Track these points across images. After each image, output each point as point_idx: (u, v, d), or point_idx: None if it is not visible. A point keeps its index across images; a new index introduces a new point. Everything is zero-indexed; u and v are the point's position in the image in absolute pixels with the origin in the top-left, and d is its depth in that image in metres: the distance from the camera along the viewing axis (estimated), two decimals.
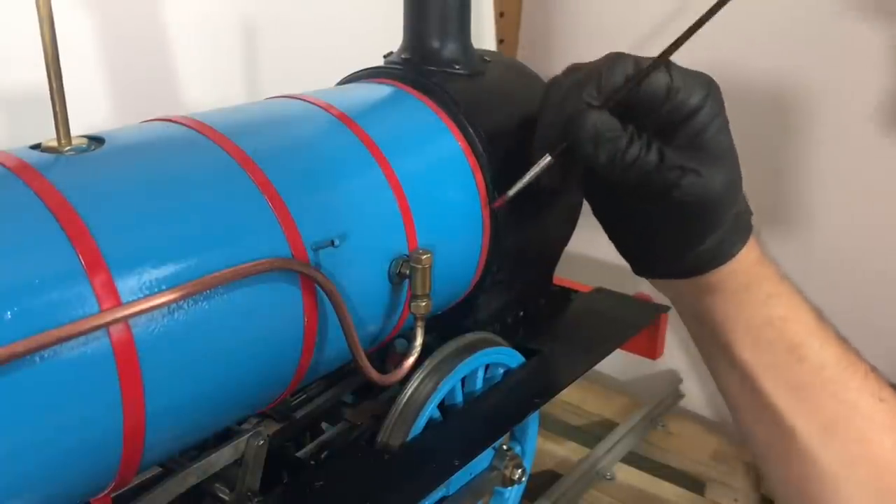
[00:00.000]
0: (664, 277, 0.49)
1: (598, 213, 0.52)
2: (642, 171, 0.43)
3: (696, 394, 0.89)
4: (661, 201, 0.44)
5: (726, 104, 0.45)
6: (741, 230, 0.46)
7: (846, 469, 0.45)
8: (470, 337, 0.52)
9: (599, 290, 0.70)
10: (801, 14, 0.75)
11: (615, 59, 0.44)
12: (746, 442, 0.51)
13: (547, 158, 0.46)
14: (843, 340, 0.46)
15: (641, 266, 0.50)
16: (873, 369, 0.46)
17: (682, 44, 0.42)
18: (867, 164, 0.76)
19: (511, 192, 0.49)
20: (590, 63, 0.45)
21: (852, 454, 0.45)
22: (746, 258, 0.46)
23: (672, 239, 0.46)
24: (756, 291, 0.46)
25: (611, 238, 0.51)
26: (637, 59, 0.44)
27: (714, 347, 0.49)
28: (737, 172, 0.45)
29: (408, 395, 0.48)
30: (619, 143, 0.42)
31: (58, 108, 0.35)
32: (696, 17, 0.41)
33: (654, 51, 0.43)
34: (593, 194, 0.51)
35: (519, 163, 0.50)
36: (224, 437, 0.42)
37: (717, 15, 0.40)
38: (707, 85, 0.43)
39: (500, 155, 0.51)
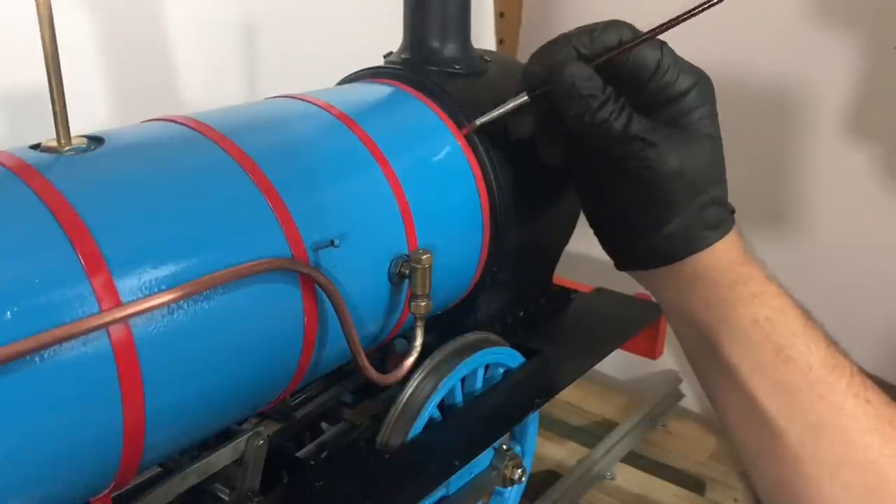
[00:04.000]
0: (640, 267, 0.49)
1: (579, 191, 0.52)
2: (606, 135, 0.43)
3: (696, 394, 0.89)
4: (620, 172, 0.44)
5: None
6: (715, 221, 0.45)
7: (832, 470, 0.45)
8: (470, 337, 0.52)
9: (599, 290, 0.70)
10: (800, 14, 0.75)
11: (614, 22, 0.44)
12: (733, 442, 0.51)
13: (523, 97, 0.47)
14: (830, 341, 0.46)
15: (618, 254, 0.50)
16: (860, 370, 0.46)
17: (682, 21, 0.43)
18: (866, 164, 0.76)
19: (479, 122, 0.49)
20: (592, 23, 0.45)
21: (838, 455, 0.45)
22: (727, 255, 0.46)
23: (637, 217, 0.46)
24: (741, 291, 0.46)
25: (592, 226, 0.51)
26: (635, 30, 0.44)
27: (700, 348, 0.49)
28: (711, 162, 0.45)
29: (407, 395, 0.48)
30: (592, 102, 0.43)
31: (58, 108, 0.35)
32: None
33: None
34: (572, 165, 0.51)
35: (520, 162, 0.50)
36: (224, 437, 0.42)
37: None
38: (697, 75, 0.44)
39: (500, 154, 0.51)
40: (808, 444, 0.45)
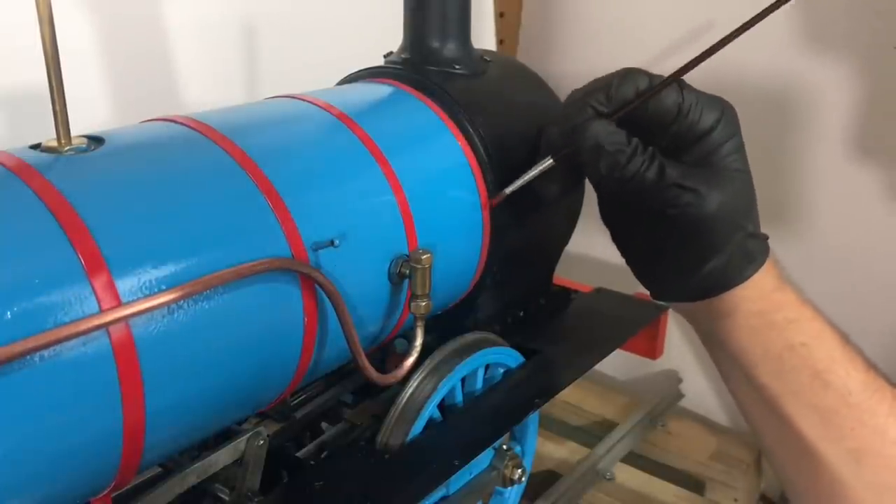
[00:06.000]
0: (677, 300, 0.49)
1: (613, 234, 0.52)
2: (640, 187, 0.43)
3: (696, 394, 0.89)
4: (659, 219, 0.44)
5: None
6: (752, 255, 0.45)
7: (879, 497, 0.44)
8: (470, 337, 0.52)
9: (599, 290, 0.70)
10: (800, 13, 0.75)
11: (628, 72, 0.44)
12: (772, 466, 0.51)
13: (548, 161, 0.46)
14: (870, 365, 0.46)
15: (655, 288, 0.51)
16: None
17: (696, 65, 0.42)
18: (867, 164, 0.76)
19: (509, 190, 0.49)
20: (605, 76, 0.45)
21: (885, 482, 0.44)
22: (762, 284, 0.45)
23: (675, 259, 0.46)
24: (775, 317, 0.46)
25: (627, 262, 0.51)
26: (650, 76, 0.44)
27: (735, 372, 0.49)
28: (744, 196, 0.45)
29: (407, 395, 0.48)
30: (619, 157, 0.42)
31: (58, 108, 0.35)
32: (715, 40, 0.41)
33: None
34: (607, 214, 0.51)
35: (519, 162, 0.50)
36: (224, 437, 0.42)
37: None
38: (720, 108, 0.43)
39: (500, 154, 0.51)
40: (850, 470, 0.44)
